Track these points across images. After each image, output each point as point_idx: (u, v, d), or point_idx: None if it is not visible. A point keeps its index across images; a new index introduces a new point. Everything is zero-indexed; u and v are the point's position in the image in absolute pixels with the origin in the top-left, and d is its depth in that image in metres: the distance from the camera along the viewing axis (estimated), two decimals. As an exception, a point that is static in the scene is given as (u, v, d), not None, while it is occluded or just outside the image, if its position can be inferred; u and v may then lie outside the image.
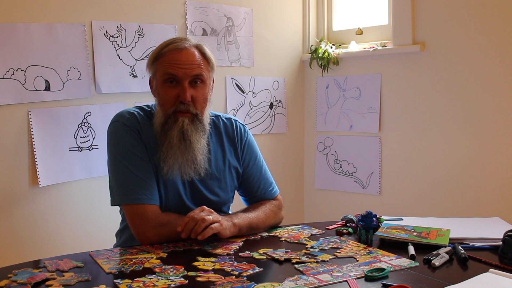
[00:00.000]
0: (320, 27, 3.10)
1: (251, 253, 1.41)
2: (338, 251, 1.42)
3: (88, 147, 2.27)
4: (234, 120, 1.81)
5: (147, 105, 1.73)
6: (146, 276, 1.23)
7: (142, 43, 2.42)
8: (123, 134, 1.61)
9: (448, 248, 1.38)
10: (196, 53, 1.63)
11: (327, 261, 1.34)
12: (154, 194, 1.59)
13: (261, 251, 1.43)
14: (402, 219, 1.74)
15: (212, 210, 1.53)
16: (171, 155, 1.59)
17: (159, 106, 1.65)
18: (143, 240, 1.54)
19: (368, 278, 1.20)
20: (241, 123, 1.83)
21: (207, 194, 1.69)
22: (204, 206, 1.53)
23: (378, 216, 1.57)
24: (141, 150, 1.61)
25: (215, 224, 1.47)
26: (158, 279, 1.21)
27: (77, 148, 2.24)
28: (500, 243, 1.38)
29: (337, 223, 1.73)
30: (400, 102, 2.70)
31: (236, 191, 1.82)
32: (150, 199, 1.57)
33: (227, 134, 1.77)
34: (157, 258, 1.37)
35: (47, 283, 1.18)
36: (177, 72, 1.59)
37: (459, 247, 1.39)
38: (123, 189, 1.58)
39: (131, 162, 1.58)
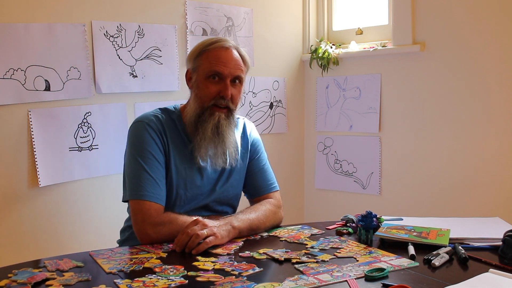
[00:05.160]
0: (320, 27, 3.10)
1: (251, 253, 1.41)
2: (338, 251, 1.42)
3: (88, 147, 2.27)
4: (242, 118, 1.91)
5: (173, 106, 1.79)
6: (146, 276, 1.23)
7: (142, 43, 2.42)
8: (143, 134, 1.66)
9: (448, 248, 1.38)
10: (237, 54, 1.72)
11: (327, 261, 1.34)
12: (161, 194, 1.62)
13: (261, 251, 1.43)
14: (402, 219, 1.74)
15: (207, 222, 1.49)
16: (205, 146, 1.67)
17: (196, 98, 1.71)
18: (142, 237, 1.55)
19: (368, 278, 1.20)
20: (249, 121, 1.92)
21: (227, 186, 1.77)
22: (199, 218, 1.52)
23: (378, 216, 1.57)
24: (158, 151, 1.65)
25: (210, 238, 1.45)
26: (158, 279, 1.21)
27: (77, 148, 2.24)
28: (500, 243, 1.38)
29: (337, 223, 1.72)
30: (400, 102, 2.70)
31: None
32: (156, 198, 1.59)
33: (238, 130, 1.84)
34: (157, 258, 1.37)
35: (47, 283, 1.18)
36: (223, 70, 1.67)
37: (459, 247, 1.39)
38: (133, 185, 1.61)
39: (145, 161, 1.62)
